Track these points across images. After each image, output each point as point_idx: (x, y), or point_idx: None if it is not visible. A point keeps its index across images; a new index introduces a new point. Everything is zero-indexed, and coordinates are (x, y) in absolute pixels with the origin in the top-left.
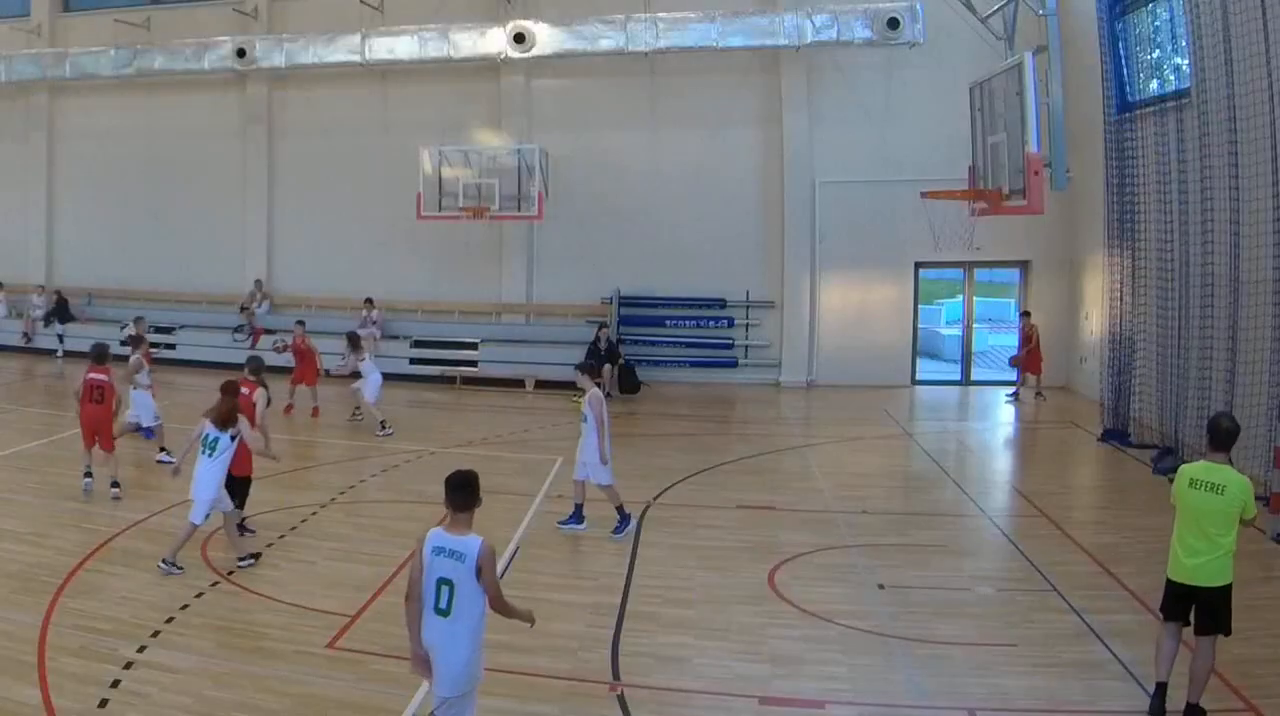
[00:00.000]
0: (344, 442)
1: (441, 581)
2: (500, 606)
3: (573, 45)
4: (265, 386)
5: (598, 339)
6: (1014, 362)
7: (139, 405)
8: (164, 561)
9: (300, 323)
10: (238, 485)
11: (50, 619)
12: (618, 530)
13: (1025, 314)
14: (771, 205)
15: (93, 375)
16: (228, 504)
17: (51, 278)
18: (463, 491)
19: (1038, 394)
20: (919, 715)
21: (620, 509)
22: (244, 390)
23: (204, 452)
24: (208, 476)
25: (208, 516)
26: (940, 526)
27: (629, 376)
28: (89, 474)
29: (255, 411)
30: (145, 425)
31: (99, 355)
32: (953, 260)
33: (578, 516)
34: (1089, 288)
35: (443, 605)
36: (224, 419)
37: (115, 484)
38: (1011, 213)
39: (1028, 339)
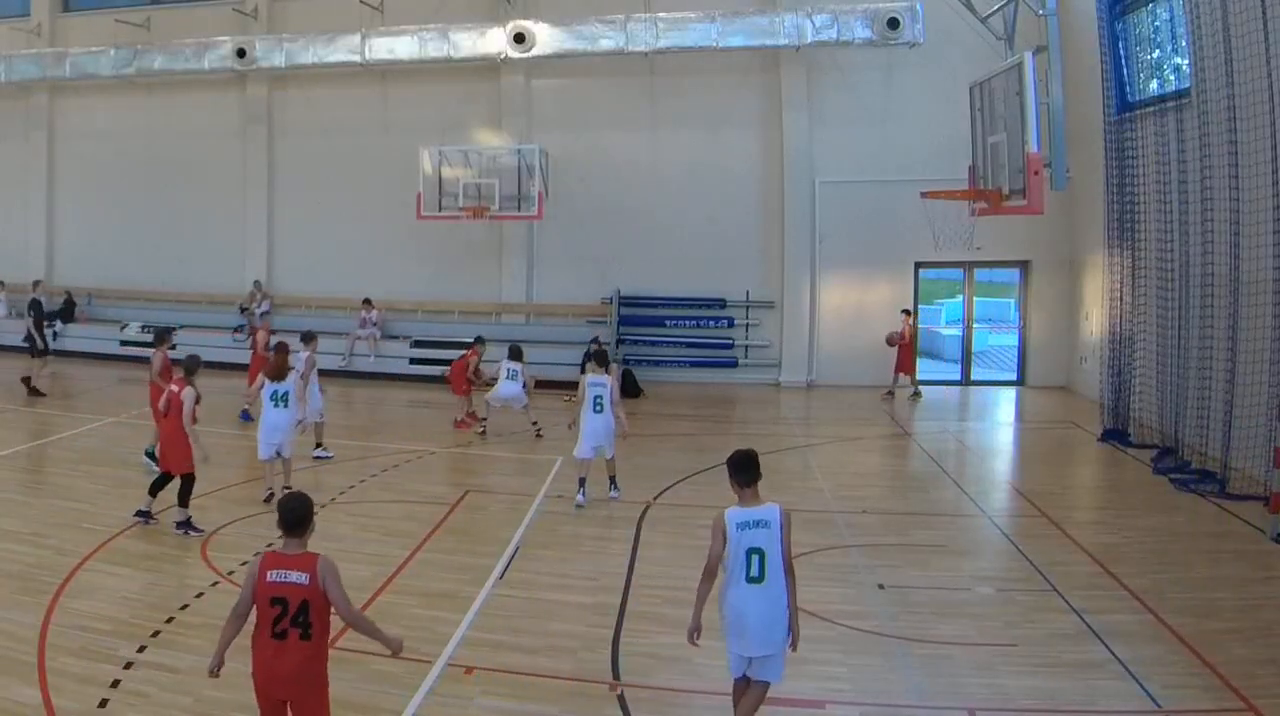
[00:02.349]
0: (344, 443)
1: (752, 551)
2: (792, 568)
3: (573, 45)
4: (195, 386)
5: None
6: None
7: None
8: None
9: (480, 339)
10: (184, 482)
11: (50, 619)
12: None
13: (906, 312)
14: (771, 205)
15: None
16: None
17: (51, 277)
18: (747, 469)
19: (889, 393)
20: (919, 715)
21: None
22: (174, 387)
23: (276, 405)
24: (285, 421)
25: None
26: (940, 526)
27: (630, 380)
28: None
29: (184, 409)
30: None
31: (156, 337)
32: (953, 260)
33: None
34: (1089, 288)
35: (755, 572)
36: (278, 373)
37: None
38: (1011, 213)
39: (903, 336)
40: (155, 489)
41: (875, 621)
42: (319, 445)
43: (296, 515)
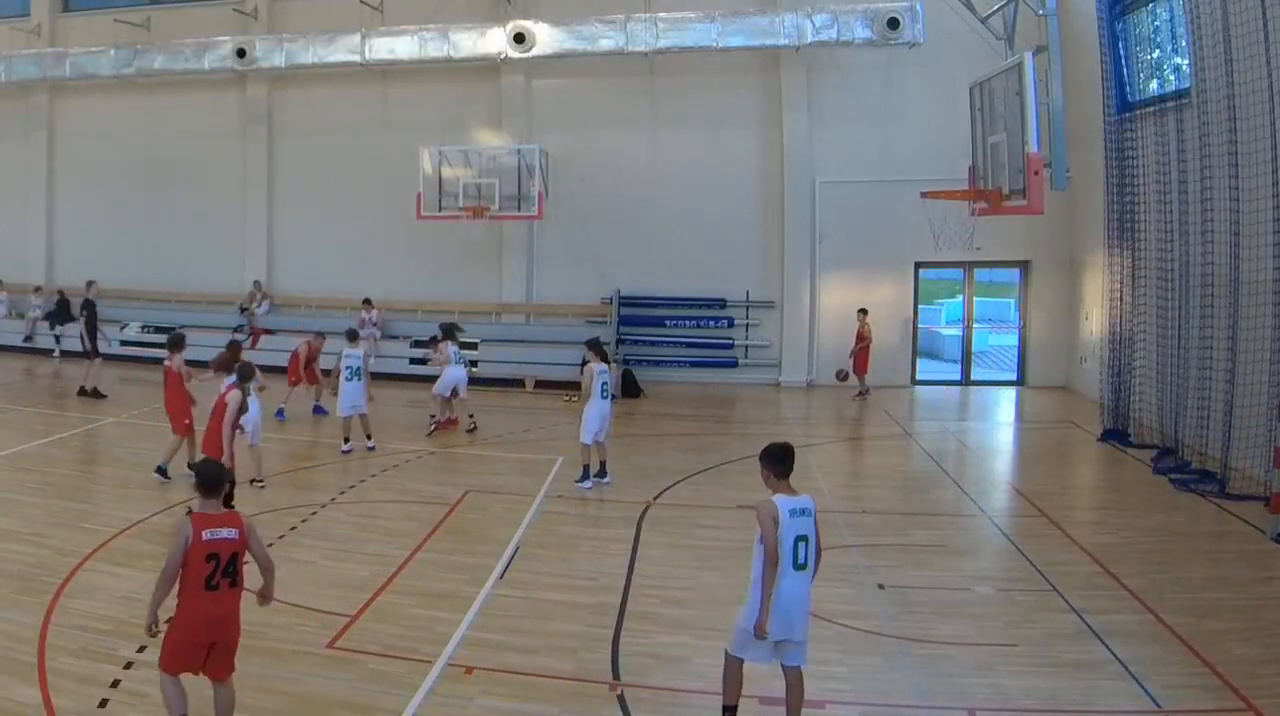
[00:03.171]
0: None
1: (799, 538)
2: (820, 553)
3: (573, 45)
4: (245, 394)
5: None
6: (851, 357)
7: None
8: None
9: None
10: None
11: (50, 619)
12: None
13: (862, 311)
14: (771, 205)
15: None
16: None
17: (51, 278)
18: (785, 460)
19: (860, 393)
20: (919, 715)
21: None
22: (221, 390)
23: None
24: (253, 412)
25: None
26: (940, 526)
27: (630, 380)
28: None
29: (227, 412)
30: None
31: (176, 342)
32: (953, 260)
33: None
34: (1089, 288)
35: (802, 559)
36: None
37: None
38: (1011, 213)
39: (860, 337)
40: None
41: (875, 621)
42: (367, 436)
43: (216, 477)
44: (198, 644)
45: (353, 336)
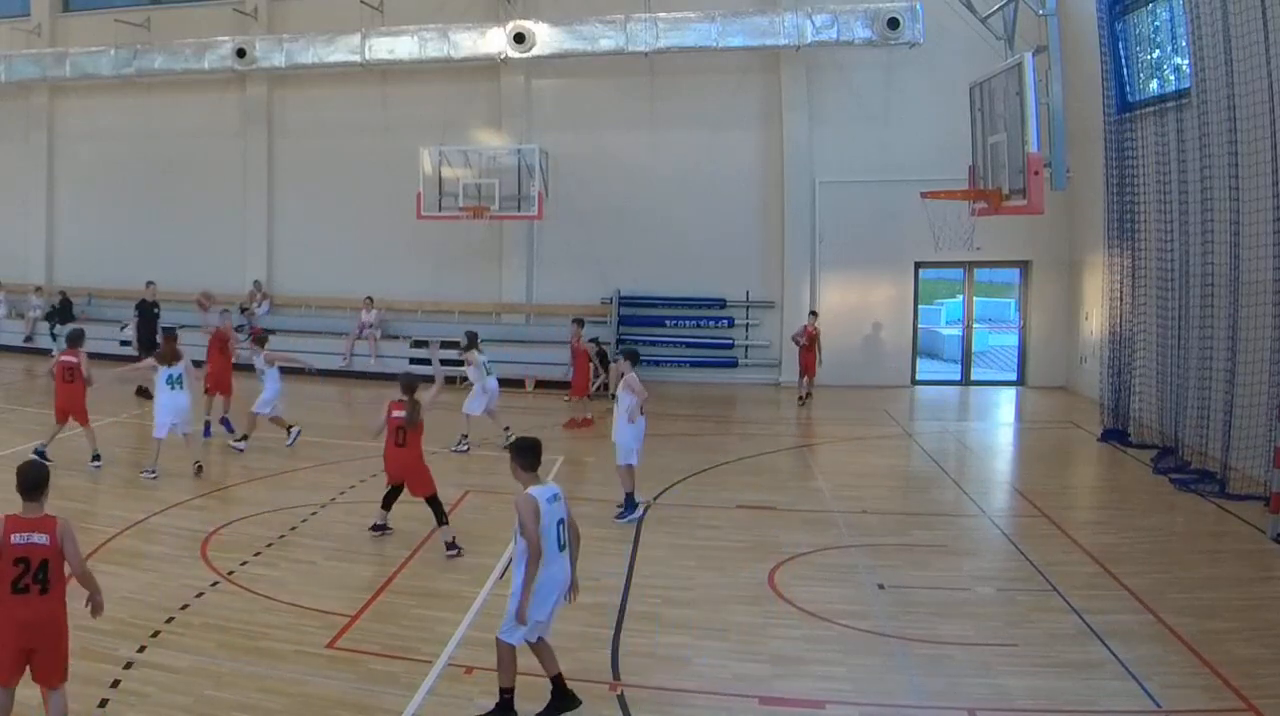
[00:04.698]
0: (344, 443)
1: (559, 522)
2: (578, 531)
3: (573, 45)
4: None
5: (592, 341)
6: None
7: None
8: (147, 469)
9: (579, 322)
10: (431, 503)
11: None
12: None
13: (813, 313)
14: (771, 205)
15: (65, 358)
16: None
17: (51, 278)
18: (538, 453)
19: (804, 396)
20: (919, 715)
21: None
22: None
23: (172, 388)
24: (183, 402)
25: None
26: (940, 526)
27: None
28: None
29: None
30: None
31: (73, 338)
32: (953, 260)
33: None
34: (1089, 288)
35: (563, 541)
36: (173, 358)
37: (96, 457)
38: (1011, 213)
39: (807, 336)
40: (388, 502)
41: (875, 621)
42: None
43: (36, 479)
44: (11, 649)
45: (261, 340)
